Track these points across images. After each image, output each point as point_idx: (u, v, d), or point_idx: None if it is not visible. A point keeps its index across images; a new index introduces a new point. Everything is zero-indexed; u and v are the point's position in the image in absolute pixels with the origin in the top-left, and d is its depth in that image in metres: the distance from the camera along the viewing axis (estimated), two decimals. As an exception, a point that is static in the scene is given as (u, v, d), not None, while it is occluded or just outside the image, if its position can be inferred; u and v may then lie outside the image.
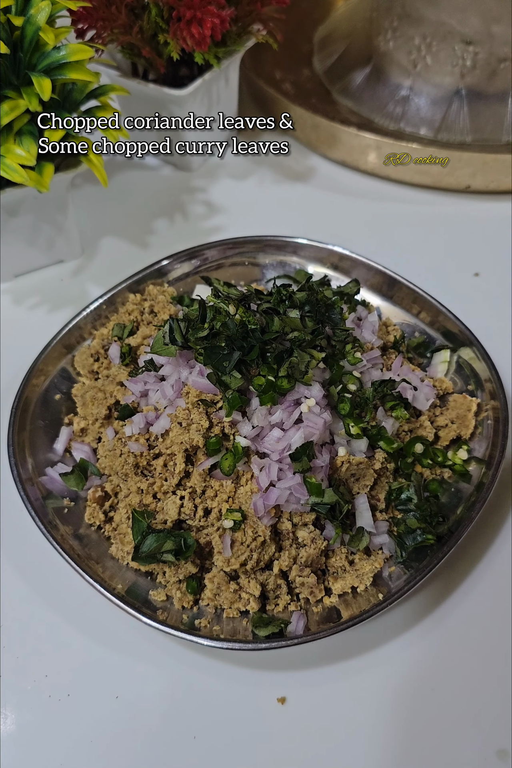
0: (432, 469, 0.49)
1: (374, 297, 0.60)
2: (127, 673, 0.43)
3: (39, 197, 0.60)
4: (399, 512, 0.47)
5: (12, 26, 0.52)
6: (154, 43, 0.68)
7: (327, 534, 0.45)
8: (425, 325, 0.58)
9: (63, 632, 0.45)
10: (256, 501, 0.43)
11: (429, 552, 0.44)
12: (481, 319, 0.58)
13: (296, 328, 0.47)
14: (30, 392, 0.53)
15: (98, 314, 0.59)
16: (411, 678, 0.43)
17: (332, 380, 0.47)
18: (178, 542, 0.43)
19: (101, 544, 0.47)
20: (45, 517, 0.46)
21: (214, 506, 0.44)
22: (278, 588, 0.44)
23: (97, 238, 0.73)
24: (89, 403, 0.52)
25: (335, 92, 0.84)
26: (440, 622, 0.45)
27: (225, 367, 0.45)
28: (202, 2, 0.62)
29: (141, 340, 0.55)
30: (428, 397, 0.51)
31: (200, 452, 0.45)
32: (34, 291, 0.67)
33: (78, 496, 0.49)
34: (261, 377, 0.45)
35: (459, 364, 0.55)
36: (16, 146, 0.53)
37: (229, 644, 0.41)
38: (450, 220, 0.74)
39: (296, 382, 0.45)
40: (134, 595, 0.44)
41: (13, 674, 0.43)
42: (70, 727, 0.41)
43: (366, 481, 0.46)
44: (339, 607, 0.43)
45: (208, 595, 0.44)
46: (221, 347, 0.45)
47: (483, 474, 0.48)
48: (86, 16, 0.63)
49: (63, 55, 0.53)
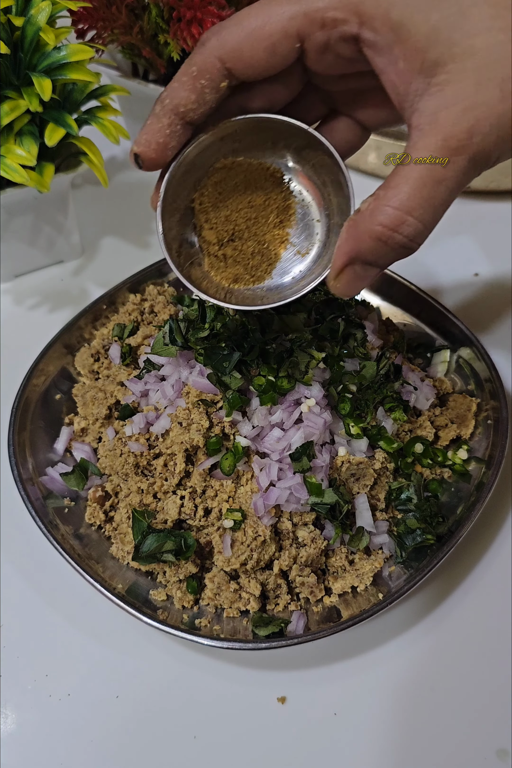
0: (432, 469, 0.49)
1: (374, 297, 0.60)
2: (127, 673, 0.43)
3: (39, 197, 0.60)
4: (399, 512, 0.47)
5: (12, 26, 0.52)
6: (154, 44, 0.68)
7: (327, 534, 0.45)
8: (425, 325, 0.58)
9: (63, 632, 0.45)
10: (256, 501, 0.43)
11: (429, 552, 0.44)
12: (481, 319, 0.58)
13: (296, 329, 0.47)
14: (30, 392, 0.53)
15: (98, 314, 0.59)
16: (411, 678, 0.43)
17: (332, 380, 0.47)
18: (179, 542, 0.43)
19: (101, 544, 0.47)
20: (45, 516, 0.46)
21: (214, 506, 0.44)
22: (278, 588, 0.44)
23: (97, 238, 0.73)
24: (89, 403, 0.52)
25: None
26: (440, 622, 0.45)
27: (225, 368, 0.45)
28: (202, 2, 0.62)
29: (141, 340, 0.55)
30: (428, 397, 0.51)
31: (200, 452, 0.45)
32: (35, 291, 0.67)
33: (78, 495, 0.49)
34: (262, 377, 0.45)
35: (459, 364, 0.55)
36: (16, 146, 0.53)
37: (229, 644, 0.41)
38: (450, 220, 0.74)
39: (296, 382, 0.45)
40: (134, 595, 0.44)
41: (13, 674, 0.43)
42: (70, 726, 0.41)
43: (366, 481, 0.46)
44: (339, 606, 0.44)
45: (209, 594, 0.44)
46: (221, 348, 0.45)
47: (483, 474, 0.48)
48: (86, 16, 0.63)
49: (63, 56, 0.53)
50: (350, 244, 0.34)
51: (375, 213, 0.33)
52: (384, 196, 0.33)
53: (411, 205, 0.32)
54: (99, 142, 0.59)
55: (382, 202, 0.33)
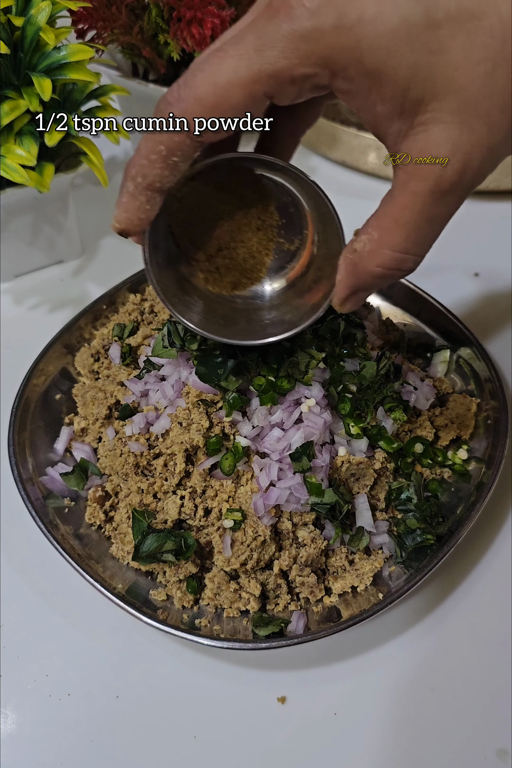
0: (432, 469, 0.49)
1: (374, 297, 0.60)
2: (127, 673, 0.43)
3: (39, 197, 0.60)
4: (399, 512, 0.47)
5: (12, 26, 0.52)
6: (154, 44, 0.68)
7: (327, 534, 0.45)
8: (425, 325, 0.58)
9: (63, 632, 0.45)
10: (256, 501, 0.43)
11: (429, 552, 0.44)
12: (481, 319, 0.58)
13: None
14: (30, 392, 0.53)
15: (98, 314, 0.59)
16: (411, 678, 0.43)
17: (332, 380, 0.47)
18: (179, 542, 0.43)
19: (101, 544, 0.47)
20: (45, 516, 0.46)
21: (214, 506, 0.44)
22: (278, 587, 0.44)
23: (98, 238, 0.73)
24: (89, 403, 0.52)
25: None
26: (440, 622, 0.45)
27: (220, 375, 0.45)
28: (202, 2, 0.62)
29: (141, 340, 0.55)
30: (428, 397, 0.51)
31: (200, 452, 0.45)
32: (34, 291, 0.67)
33: (78, 495, 0.49)
34: (262, 377, 0.45)
35: (459, 364, 0.55)
36: (16, 146, 0.53)
37: (229, 644, 0.41)
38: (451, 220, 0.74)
39: (296, 382, 0.45)
40: (134, 595, 0.44)
41: (13, 674, 0.43)
42: (70, 726, 0.41)
43: (366, 481, 0.46)
44: (339, 606, 0.44)
45: (209, 594, 0.44)
46: (215, 355, 0.45)
47: (483, 474, 0.48)
48: (86, 16, 0.63)
49: (63, 56, 0.53)
50: (351, 281, 0.36)
51: (374, 256, 0.34)
52: (380, 240, 0.33)
53: (408, 246, 0.33)
54: (99, 142, 0.59)
55: (379, 247, 0.33)
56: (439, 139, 0.30)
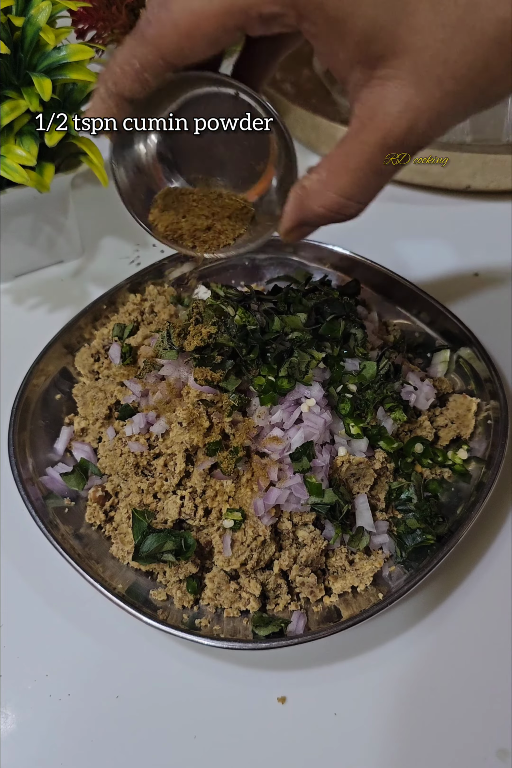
0: (432, 469, 0.49)
1: (374, 297, 0.60)
2: (127, 673, 0.43)
3: (39, 197, 0.60)
4: (399, 512, 0.47)
5: (12, 26, 0.52)
6: (154, 44, 0.68)
7: (327, 534, 0.45)
8: (425, 325, 0.58)
9: (63, 632, 0.45)
10: (256, 501, 0.43)
11: (429, 552, 0.44)
12: (481, 319, 0.58)
13: (296, 328, 0.47)
14: (30, 392, 0.53)
15: (98, 314, 0.59)
16: (411, 678, 0.43)
17: (332, 380, 0.47)
18: (179, 542, 0.43)
19: (102, 544, 0.47)
20: (45, 516, 0.46)
21: (214, 506, 0.44)
22: (278, 587, 0.44)
23: (97, 238, 0.73)
24: (90, 403, 0.52)
25: (335, 92, 0.84)
26: (440, 622, 0.45)
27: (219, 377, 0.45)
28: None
29: (141, 340, 0.55)
30: (428, 397, 0.51)
31: (200, 452, 0.45)
32: (34, 291, 0.67)
33: (78, 495, 0.49)
34: (262, 377, 0.45)
35: (459, 364, 0.55)
36: (16, 146, 0.53)
37: (229, 644, 0.41)
38: (450, 220, 0.74)
39: (296, 382, 0.45)
40: (134, 595, 0.44)
41: (13, 674, 0.43)
42: (70, 726, 0.41)
43: (366, 481, 0.46)
44: (339, 606, 0.44)
45: (209, 594, 0.44)
46: (213, 357, 0.45)
47: (483, 474, 0.48)
48: (86, 16, 0.63)
49: (63, 56, 0.53)
50: (297, 214, 0.37)
51: (319, 196, 0.35)
52: (327, 181, 0.35)
53: (353, 192, 0.34)
54: (99, 142, 0.58)
55: (325, 188, 0.35)
56: (393, 96, 0.31)
